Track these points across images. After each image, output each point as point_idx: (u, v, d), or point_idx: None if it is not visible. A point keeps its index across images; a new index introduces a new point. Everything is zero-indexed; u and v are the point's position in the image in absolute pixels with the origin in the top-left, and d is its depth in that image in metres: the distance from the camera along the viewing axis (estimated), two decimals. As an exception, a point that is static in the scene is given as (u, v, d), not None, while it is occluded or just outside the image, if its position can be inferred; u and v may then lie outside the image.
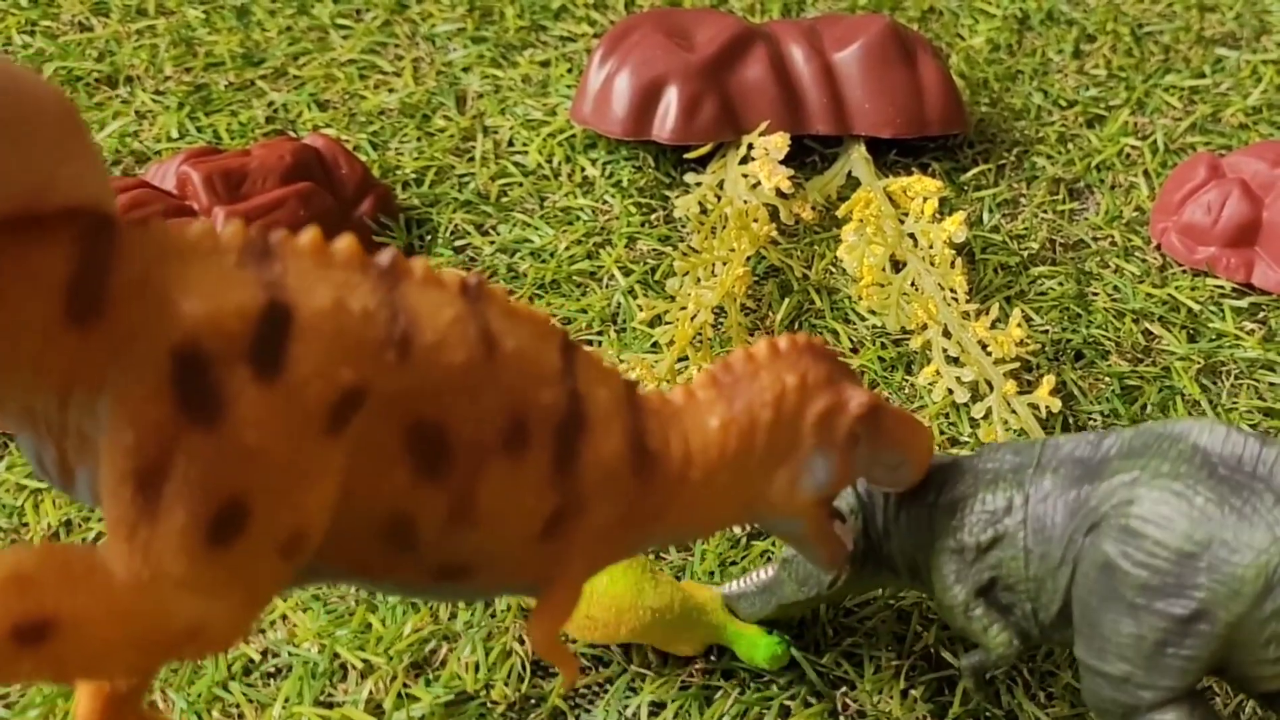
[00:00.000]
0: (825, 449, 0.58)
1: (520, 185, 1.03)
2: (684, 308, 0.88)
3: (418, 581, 0.51)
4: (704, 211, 0.98)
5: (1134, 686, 0.58)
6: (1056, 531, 0.60)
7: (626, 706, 0.72)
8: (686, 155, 1.01)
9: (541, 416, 0.50)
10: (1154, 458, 0.59)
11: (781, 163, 0.96)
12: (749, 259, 0.92)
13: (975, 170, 1.06)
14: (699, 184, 1.00)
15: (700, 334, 0.87)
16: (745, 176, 0.97)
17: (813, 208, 0.99)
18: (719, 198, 0.98)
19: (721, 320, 0.91)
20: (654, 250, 0.97)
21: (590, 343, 0.90)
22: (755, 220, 0.93)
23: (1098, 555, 0.59)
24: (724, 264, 0.90)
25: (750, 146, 0.98)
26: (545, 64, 1.14)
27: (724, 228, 0.94)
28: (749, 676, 0.73)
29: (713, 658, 0.73)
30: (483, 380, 0.48)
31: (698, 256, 0.91)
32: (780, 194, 0.96)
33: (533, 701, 0.72)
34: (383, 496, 0.47)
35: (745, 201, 0.95)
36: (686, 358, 0.86)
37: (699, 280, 0.90)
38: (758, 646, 0.71)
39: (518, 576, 0.53)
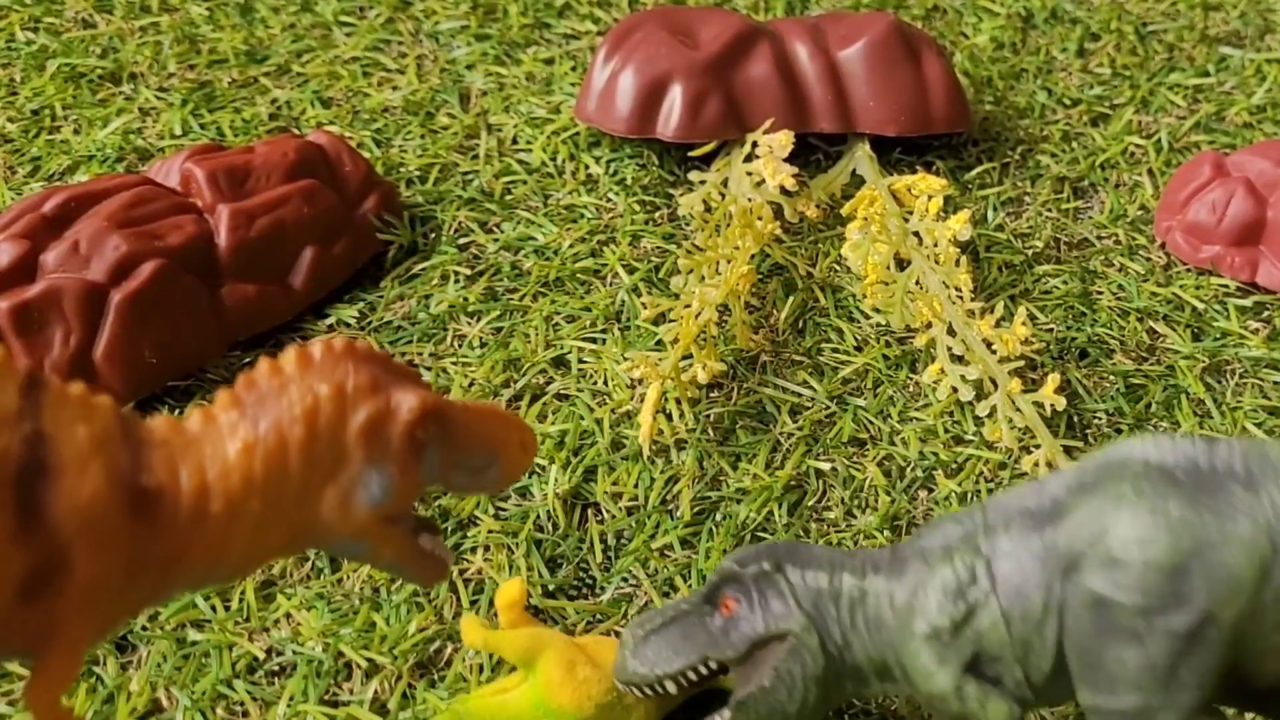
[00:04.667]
0: (378, 461, 0.53)
1: (524, 183, 1.02)
2: (688, 305, 0.88)
3: None
4: (708, 209, 0.98)
5: (1153, 712, 0.57)
6: (1031, 585, 0.58)
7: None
8: (691, 153, 1.00)
9: None
10: (1110, 484, 0.57)
11: (786, 160, 0.96)
12: (753, 257, 0.92)
13: (979, 169, 1.06)
14: (703, 182, 0.99)
15: (705, 332, 0.87)
16: (750, 174, 0.97)
17: (817, 205, 0.99)
18: (723, 195, 0.98)
19: (726, 318, 0.91)
20: (658, 248, 0.97)
21: (593, 340, 0.90)
22: (760, 218, 0.93)
23: (1085, 595, 0.57)
24: (728, 262, 0.90)
25: (755, 144, 0.98)
26: (549, 62, 1.14)
27: (728, 225, 0.94)
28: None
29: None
30: None
31: (702, 254, 0.90)
32: (785, 192, 0.96)
33: (537, 700, 0.72)
34: None
35: (749, 200, 0.95)
36: (691, 355, 0.86)
37: (703, 278, 0.90)
38: None
39: (3, 643, 0.49)
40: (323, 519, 0.53)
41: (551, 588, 0.76)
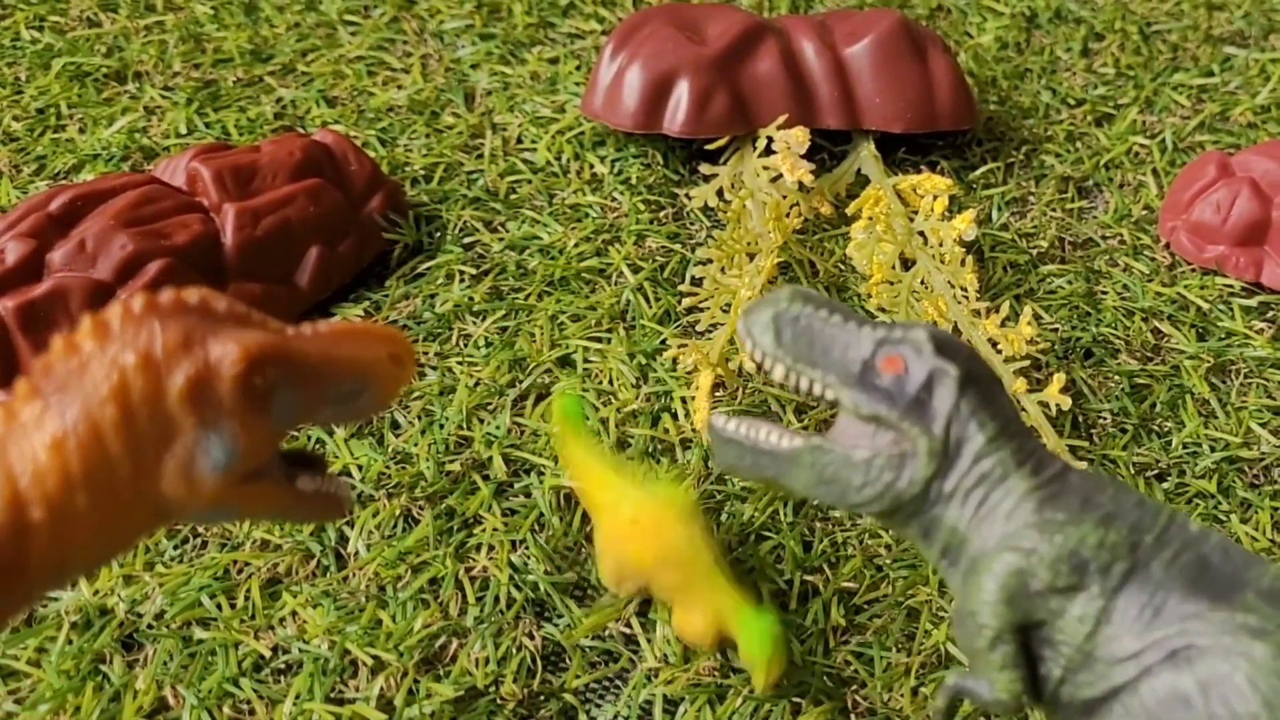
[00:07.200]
0: (213, 423, 0.49)
1: (529, 182, 1.02)
2: (727, 296, 0.88)
3: None
4: (725, 201, 0.98)
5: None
6: (1139, 626, 0.52)
7: (638, 703, 0.72)
8: (708, 146, 1.01)
9: None
10: None
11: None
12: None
13: (984, 168, 1.06)
14: (715, 175, 1.00)
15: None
16: (766, 169, 0.97)
17: (830, 202, 0.99)
18: (733, 188, 0.98)
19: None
20: (662, 248, 0.97)
21: (599, 340, 0.90)
22: (787, 215, 0.93)
23: (1166, 685, 0.52)
24: (749, 257, 0.90)
25: (770, 140, 0.98)
26: (553, 61, 1.14)
27: (739, 221, 0.94)
28: (759, 674, 0.73)
29: (720, 656, 0.73)
30: None
31: (729, 246, 0.90)
32: (802, 188, 0.96)
33: (542, 697, 0.72)
34: None
35: (768, 195, 0.95)
36: (734, 340, 0.86)
37: (723, 269, 0.90)
38: (754, 634, 0.67)
39: None
40: (169, 494, 0.49)
41: (554, 588, 0.76)
